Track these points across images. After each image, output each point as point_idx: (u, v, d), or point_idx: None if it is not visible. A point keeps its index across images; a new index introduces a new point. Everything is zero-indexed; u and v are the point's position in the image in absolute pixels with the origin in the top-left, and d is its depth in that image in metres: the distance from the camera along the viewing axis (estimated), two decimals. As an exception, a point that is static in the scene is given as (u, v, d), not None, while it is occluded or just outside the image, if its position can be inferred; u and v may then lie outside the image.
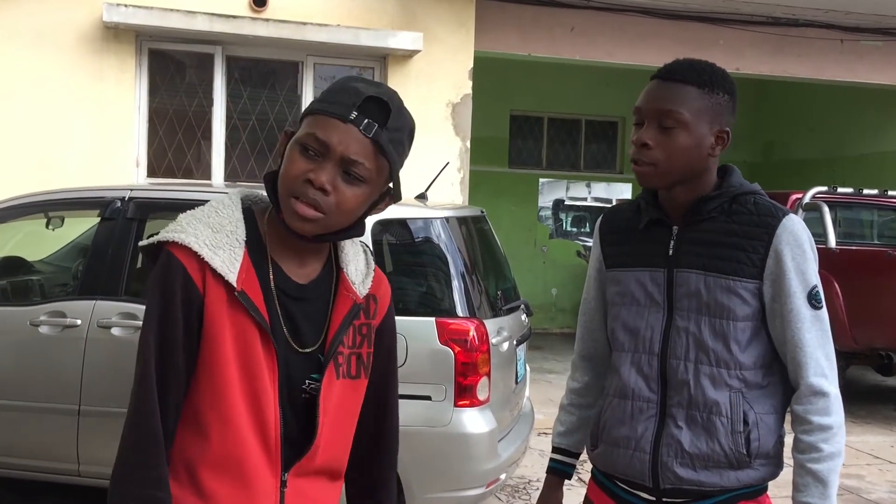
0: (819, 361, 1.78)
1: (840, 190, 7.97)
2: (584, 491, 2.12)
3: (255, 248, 1.50)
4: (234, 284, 1.43)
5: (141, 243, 1.55)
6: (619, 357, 1.94)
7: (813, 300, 1.79)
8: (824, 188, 7.86)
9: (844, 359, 7.31)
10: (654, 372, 1.86)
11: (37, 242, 5.52)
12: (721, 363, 1.81)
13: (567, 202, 12.52)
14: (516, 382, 4.43)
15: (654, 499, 1.87)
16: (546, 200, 12.30)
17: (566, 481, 2.17)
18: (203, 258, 1.43)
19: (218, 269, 1.43)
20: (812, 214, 7.14)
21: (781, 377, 1.86)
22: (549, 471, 2.15)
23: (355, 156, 1.44)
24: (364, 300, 1.60)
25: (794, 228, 1.80)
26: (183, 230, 1.45)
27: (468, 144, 7.39)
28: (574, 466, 2.16)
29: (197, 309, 1.44)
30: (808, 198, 7.38)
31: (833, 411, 1.78)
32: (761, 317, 1.82)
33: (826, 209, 7.21)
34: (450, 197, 7.06)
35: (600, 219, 2.07)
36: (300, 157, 1.43)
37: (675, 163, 1.80)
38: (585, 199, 12.66)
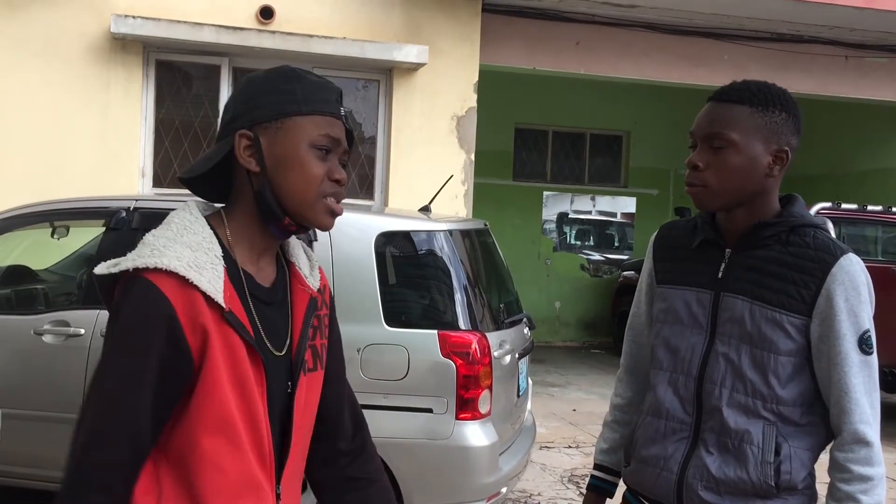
0: (864, 408, 1.72)
1: (844, 206, 7.98)
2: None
3: (227, 260, 1.47)
4: (223, 305, 1.40)
5: (98, 270, 1.40)
6: (656, 375, 1.91)
7: (864, 345, 1.73)
8: (828, 204, 7.87)
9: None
10: (690, 394, 1.84)
11: (42, 251, 5.54)
12: (756, 394, 1.77)
13: (571, 215, 12.53)
14: (518, 396, 4.43)
15: None
16: (550, 214, 12.32)
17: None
18: (190, 281, 1.36)
19: (207, 292, 1.37)
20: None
21: (823, 418, 1.80)
22: (590, 488, 2.11)
23: (344, 147, 1.54)
24: (318, 293, 1.62)
25: (851, 269, 1.73)
26: (161, 253, 1.37)
27: (472, 157, 7.41)
28: (616, 485, 2.09)
29: (182, 345, 1.36)
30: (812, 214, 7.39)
31: (875, 462, 1.71)
32: (806, 354, 1.77)
33: (830, 225, 7.20)
34: (454, 209, 7.07)
35: (656, 233, 2.05)
36: (319, 160, 1.47)
37: (728, 183, 1.77)
38: (590, 213, 12.67)
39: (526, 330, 4.69)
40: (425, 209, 4.62)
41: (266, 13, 6.88)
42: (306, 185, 1.46)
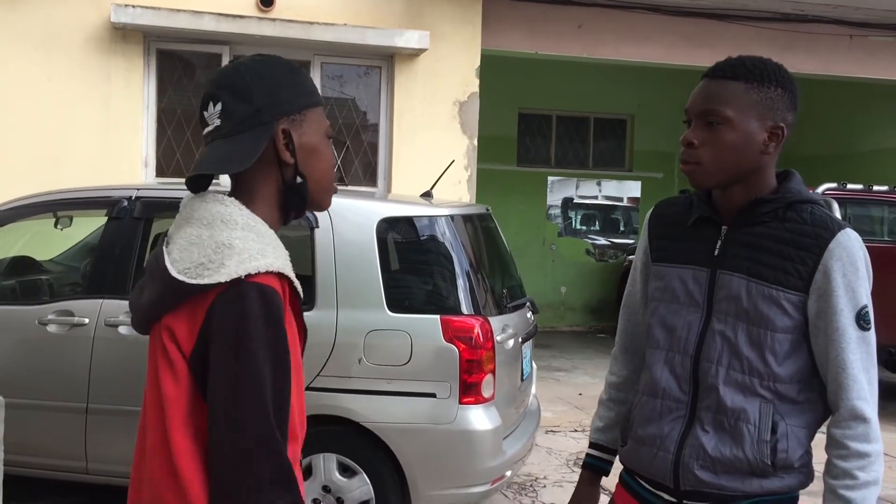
0: (862, 385, 1.71)
1: (850, 186, 7.95)
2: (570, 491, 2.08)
3: None
4: (301, 296, 1.52)
5: (185, 277, 1.38)
6: (652, 354, 1.90)
7: (861, 321, 1.71)
8: (834, 185, 7.84)
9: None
10: (687, 373, 1.82)
11: (45, 242, 5.55)
12: (753, 372, 1.75)
13: (576, 200, 12.50)
14: (522, 380, 4.43)
15: (675, 500, 1.83)
16: (555, 198, 12.29)
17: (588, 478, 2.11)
18: (289, 277, 1.46)
19: (298, 288, 1.50)
20: (821, 211, 7.15)
21: (820, 395, 1.79)
22: (585, 466, 2.10)
23: None
24: None
25: (848, 244, 1.71)
26: (263, 254, 1.41)
27: (475, 143, 7.39)
28: (611, 463, 2.09)
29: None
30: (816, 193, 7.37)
31: (873, 438, 1.71)
32: (804, 331, 1.75)
33: (836, 206, 7.17)
34: (457, 195, 7.06)
35: (651, 210, 2.02)
36: (330, 147, 1.58)
37: (723, 161, 1.75)
38: (595, 198, 12.64)
39: (529, 314, 4.69)
40: (427, 195, 4.62)
41: (266, 1, 6.86)
42: (328, 173, 1.57)
